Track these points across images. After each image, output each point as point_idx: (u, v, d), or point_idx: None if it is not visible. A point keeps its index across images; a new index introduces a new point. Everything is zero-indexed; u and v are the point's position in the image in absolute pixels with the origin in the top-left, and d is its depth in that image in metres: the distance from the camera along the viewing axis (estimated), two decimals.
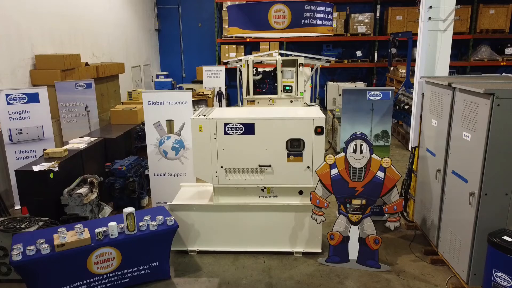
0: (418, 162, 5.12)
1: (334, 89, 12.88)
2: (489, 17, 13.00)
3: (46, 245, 3.54)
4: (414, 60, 12.82)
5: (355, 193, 4.27)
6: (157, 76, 13.79)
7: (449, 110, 4.19)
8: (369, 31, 13.38)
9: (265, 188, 4.56)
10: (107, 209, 5.21)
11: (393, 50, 12.62)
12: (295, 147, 4.37)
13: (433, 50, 4.94)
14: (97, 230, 3.76)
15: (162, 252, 4.12)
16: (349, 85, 12.76)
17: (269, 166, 4.42)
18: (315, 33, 6.99)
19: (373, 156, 4.20)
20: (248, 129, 4.33)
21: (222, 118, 4.34)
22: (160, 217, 4.11)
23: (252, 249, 4.67)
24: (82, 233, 3.67)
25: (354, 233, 4.36)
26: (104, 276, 3.83)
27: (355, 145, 4.21)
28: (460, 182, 3.96)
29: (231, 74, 13.86)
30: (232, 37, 13.69)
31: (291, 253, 4.66)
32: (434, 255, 4.52)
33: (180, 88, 11.36)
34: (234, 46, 13.76)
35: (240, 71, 8.63)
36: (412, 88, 11.32)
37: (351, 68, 14.29)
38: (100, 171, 5.74)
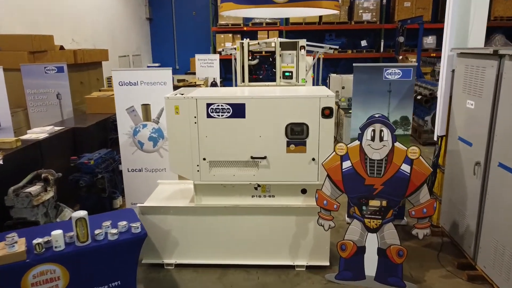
0: (446, 155, 4.21)
1: (337, 81, 11.93)
2: (503, 3, 12.10)
3: None
4: (425, 50, 11.88)
5: (373, 192, 3.36)
6: (148, 68, 12.89)
7: (493, 86, 3.29)
8: (374, 19, 12.49)
9: (259, 186, 3.65)
10: (68, 212, 4.29)
11: (401, 39, 11.73)
12: (296, 134, 3.46)
13: (466, 16, 4.03)
14: (35, 241, 2.85)
15: (125, 268, 3.20)
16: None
17: (264, 158, 3.52)
18: (320, 8, 6.05)
19: (397, 144, 3.29)
20: (237, 110, 3.42)
21: (204, 97, 3.44)
22: (124, 223, 3.20)
23: (243, 262, 3.77)
24: (14, 246, 2.76)
25: (371, 243, 3.44)
26: None
27: (373, 130, 3.30)
28: (510, 177, 3.05)
29: (227, 66, 12.93)
30: (227, 25, 12.83)
31: (292, 266, 3.76)
32: (471, 269, 3.62)
33: None
34: (230, 35, 12.86)
35: (235, 59, 7.76)
36: (423, 77, 10.46)
37: (356, 58, 13.27)
38: (66, 167, 4.83)
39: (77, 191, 4.72)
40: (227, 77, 13.24)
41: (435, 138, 4.40)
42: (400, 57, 11.81)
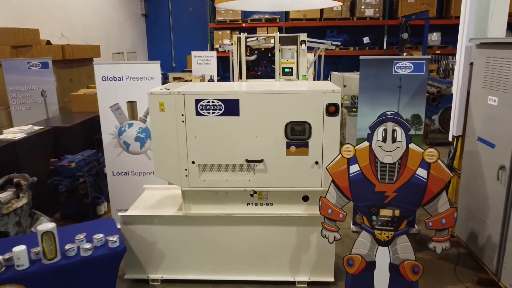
0: (463, 157, 3.82)
1: (338, 79, 11.54)
2: None
3: None
4: (429, 47, 11.47)
5: (384, 200, 2.95)
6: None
7: None
8: (377, 15, 12.09)
9: (255, 192, 3.25)
10: (44, 220, 3.88)
11: (405, 35, 11.32)
12: (297, 134, 3.07)
13: (485, 3, 3.63)
14: None
15: (102, 287, 2.81)
16: (355, 75, 11.50)
17: (261, 161, 3.12)
18: None
19: (412, 146, 2.88)
20: (231, 107, 3.02)
21: (193, 92, 3.03)
22: (99, 235, 2.80)
23: (237, 277, 3.37)
24: None
25: (382, 258, 3.03)
26: None
27: (385, 130, 2.89)
28: None
29: (225, 64, 12.52)
30: (226, 21, 12.43)
31: (292, 282, 3.36)
32: (493, 287, 3.22)
33: (164, 75, 10.03)
34: (228, 31, 12.46)
35: (233, 56, 7.37)
36: (429, 75, 10.05)
37: (358, 56, 12.92)
38: (46, 170, 4.44)
39: (57, 197, 4.33)
40: (225, 75, 12.85)
41: (450, 139, 4.01)
42: (404, 54, 11.40)
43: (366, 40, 12.74)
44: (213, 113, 3.04)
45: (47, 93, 6.15)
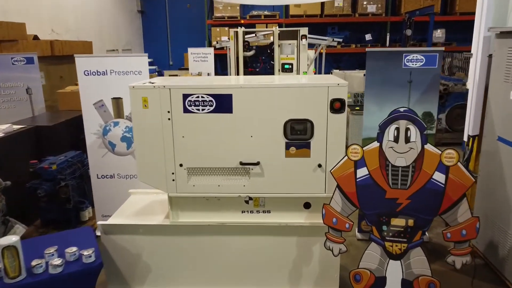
0: (481, 159, 3.48)
1: (340, 77, 11.24)
2: None
3: None
4: (433, 44, 11.14)
5: (396, 208, 2.62)
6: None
7: None
8: (380, 11, 11.78)
9: (251, 199, 2.91)
10: (19, 229, 3.55)
11: (409, 32, 11.00)
12: (298, 134, 2.73)
13: None
14: None
15: None
16: (357, 73, 11.18)
17: (257, 164, 2.78)
18: None
19: (428, 147, 2.55)
20: (223, 103, 2.68)
21: (180, 86, 2.69)
22: (73, 249, 2.47)
23: None
24: None
25: (394, 273, 2.70)
26: None
27: (397, 129, 2.56)
28: None
29: (223, 62, 12.19)
30: (224, 18, 12.11)
31: None
32: None
33: (160, 73, 9.70)
34: (226, 28, 12.12)
35: (230, 52, 7.04)
36: None
37: (359, 53, 12.60)
38: (26, 173, 4.10)
39: (37, 202, 4.00)
40: (223, 73, 12.52)
41: (465, 138, 3.67)
42: None
43: (368, 37, 12.40)
44: (203, 109, 2.70)
45: (33, 90, 5.81)
